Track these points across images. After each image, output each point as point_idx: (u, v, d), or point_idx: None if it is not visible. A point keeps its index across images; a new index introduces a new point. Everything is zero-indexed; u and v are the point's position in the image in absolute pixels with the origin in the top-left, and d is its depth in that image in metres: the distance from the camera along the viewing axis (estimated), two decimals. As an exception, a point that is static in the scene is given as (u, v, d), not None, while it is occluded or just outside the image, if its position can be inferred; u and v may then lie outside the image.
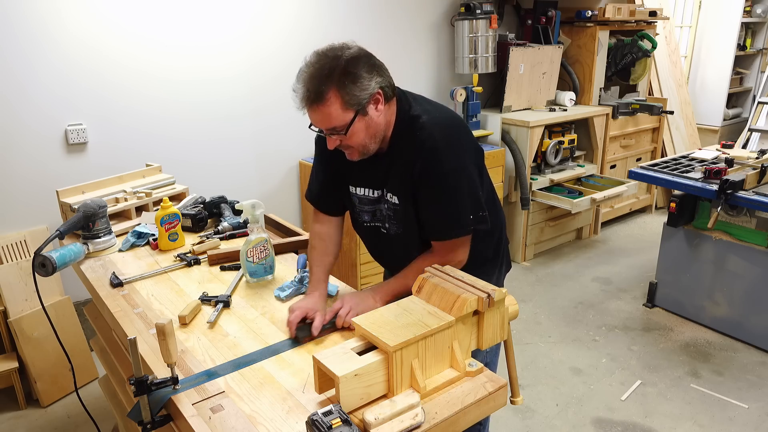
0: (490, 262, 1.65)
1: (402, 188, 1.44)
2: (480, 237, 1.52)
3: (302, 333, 1.33)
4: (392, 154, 1.43)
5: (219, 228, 2.02)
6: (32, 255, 1.68)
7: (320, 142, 1.59)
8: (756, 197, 2.67)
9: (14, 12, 2.44)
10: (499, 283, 1.70)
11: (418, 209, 1.44)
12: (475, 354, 1.22)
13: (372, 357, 1.05)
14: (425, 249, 1.48)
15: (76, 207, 1.92)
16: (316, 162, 1.63)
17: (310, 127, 1.39)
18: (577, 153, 4.20)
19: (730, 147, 3.45)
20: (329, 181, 1.59)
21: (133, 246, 1.95)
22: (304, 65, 1.33)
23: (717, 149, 3.43)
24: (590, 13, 4.03)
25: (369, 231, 1.61)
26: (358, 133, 1.34)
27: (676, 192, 3.07)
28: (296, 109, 1.34)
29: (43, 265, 1.66)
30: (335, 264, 1.61)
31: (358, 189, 1.54)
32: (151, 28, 2.78)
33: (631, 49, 4.29)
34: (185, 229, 2.01)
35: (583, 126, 4.17)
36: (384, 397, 1.07)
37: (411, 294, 1.31)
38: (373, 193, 1.51)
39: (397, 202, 1.46)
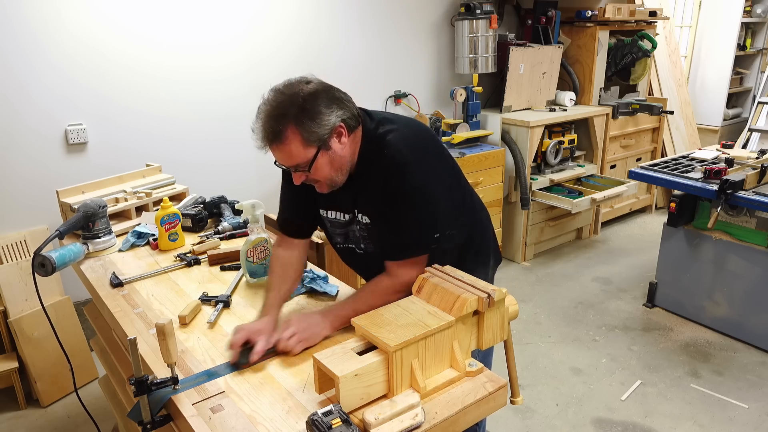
0: (474, 261, 1.59)
1: (372, 208, 1.40)
2: (463, 235, 1.51)
3: (243, 358, 1.25)
4: (361, 177, 1.39)
5: (219, 228, 2.02)
6: (32, 255, 1.68)
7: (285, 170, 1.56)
8: (756, 197, 2.67)
9: (15, 12, 2.44)
10: (488, 277, 1.66)
11: (385, 229, 1.39)
12: (474, 354, 1.22)
13: (372, 357, 1.05)
14: None
15: (76, 207, 1.92)
16: (284, 187, 1.58)
17: (275, 163, 1.36)
18: (577, 153, 4.20)
19: (730, 147, 3.45)
20: (295, 205, 1.55)
21: (133, 246, 1.95)
22: (262, 103, 1.30)
23: (717, 149, 3.43)
24: (590, 13, 4.03)
25: (344, 251, 1.58)
26: (322, 167, 1.31)
27: (676, 192, 3.07)
28: (257, 149, 1.31)
29: (42, 265, 1.66)
30: (293, 291, 1.54)
31: (328, 212, 1.51)
32: (151, 29, 2.78)
33: (631, 49, 4.29)
34: (185, 229, 2.01)
35: (583, 126, 4.17)
36: (384, 397, 1.07)
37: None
38: (344, 217, 1.48)
39: (368, 221, 1.43)
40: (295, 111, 1.25)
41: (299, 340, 1.29)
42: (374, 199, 1.38)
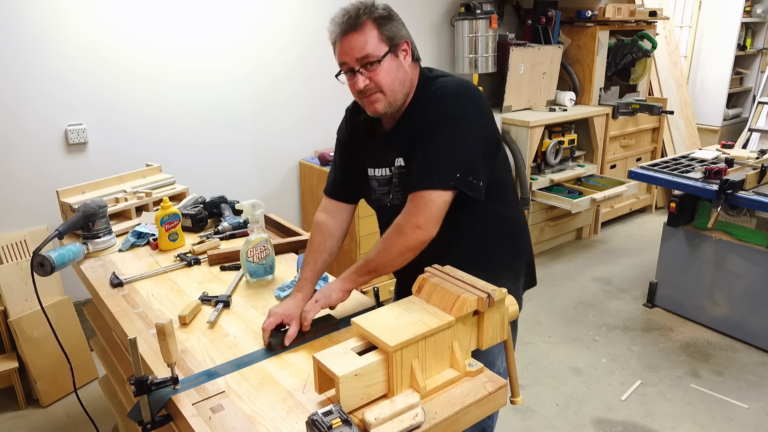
0: (503, 266, 1.52)
1: (409, 147, 1.38)
2: (495, 224, 1.46)
3: (275, 339, 1.28)
4: (406, 120, 1.41)
5: (219, 228, 2.02)
6: (31, 255, 1.68)
7: (342, 132, 1.59)
8: (756, 197, 2.67)
9: (15, 13, 2.44)
10: (518, 295, 1.57)
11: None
12: (479, 357, 1.20)
13: (372, 357, 1.05)
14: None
15: (76, 207, 1.92)
16: (336, 155, 1.61)
17: (337, 75, 1.40)
18: (577, 153, 4.19)
19: (730, 147, 3.45)
20: (348, 168, 1.56)
21: (133, 246, 1.95)
22: (340, 9, 1.35)
23: (717, 149, 3.43)
24: (590, 13, 4.03)
25: (387, 211, 1.51)
26: (389, 71, 1.35)
27: (676, 192, 3.07)
28: (330, 41, 1.37)
29: (41, 265, 1.66)
30: (331, 263, 1.54)
31: (376, 170, 1.50)
32: (151, 31, 2.78)
33: (631, 49, 4.29)
34: (185, 229, 2.01)
35: (583, 126, 4.17)
36: (384, 397, 1.07)
37: (381, 268, 1.32)
38: (389, 170, 1.47)
39: (402, 164, 1.42)
40: (377, 10, 1.35)
41: (321, 307, 1.32)
42: (411, 135, 1.37)
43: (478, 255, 1.45)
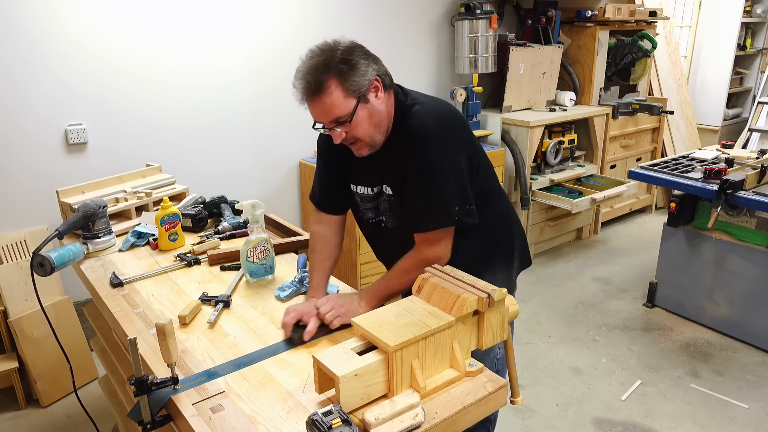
0: (498, 258, 1.61)
1: (396, 179, 1.43)
2: (489, 225, 1.51)
3: (296, 334, 1.33)
4: (389, 147, 1.43)
5: (219, 228, 2.02)
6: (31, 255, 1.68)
7: (322, 142, 1.59)
8: (756, 197, 2.67)
9: (15, 13, 2.44)
10: (511, 278, 1.68)
11: (404, 199, 1.43)
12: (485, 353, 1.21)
13: (372, 357, 1.05)
14: None
15: (76, 207, 1.92)
16: (319, 163, 1.63)
17: (314, 126, 1.39)
18: (577, 153, 4.20)
19: (730, 147, 3.45)
20: (331, 180, 1.59)
21: (133, 246, 1.95)
22: (301, 63, 1.34)
23: (717, 149, 3.43)
24: (590, 13, 4.03)
25: (372, 227, 1.61)
26: (362, 122, 1.35)
27: (676, 192, 3.07)
28: (298, 104, 1.35)
29: (41, 265, 1.66)
30: (335, 266, 1.60)
31: (358, 187, 1.54)
32: (151, 32, 2.78)
33: (631, 49, 4.29)
34: (185, 229, 2.01)
35: (583, 126, 4.17)
36: (384, 397, 1.07)
37: (397, 295, 1.33)
38: (372, 190, 1.51)
39: (391, 193, 1.46)
40: (336, 62, 1.30)
41: (336, 315, 1.35)
42: (398, 169, 1.41)
43: (475, 256, 1.51)
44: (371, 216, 1.58)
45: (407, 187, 1.41)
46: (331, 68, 1.29)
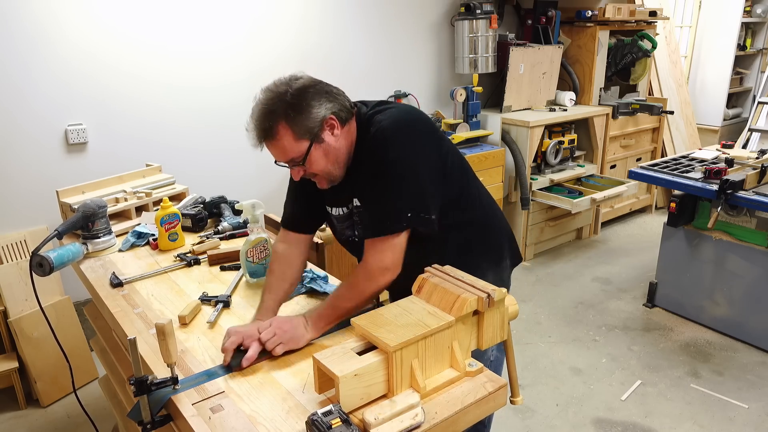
0: (484, 259, 1.55)
1: (362, 188, 1.40)
2: (465, 233, 1.48)
3: (235, 360, 1.24)
4: (355, 165, 1.40)
5: (219, 228, 2.02)
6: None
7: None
8: (756, 197, 2.67)
9: (15, 13, 2.44)
10: (503, 278, 1.61)
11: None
12: (479, 355, 1.21)
13: (372, 357, 1.05)
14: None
15: (76, 207, 1.92)
16: (289, 183, 1.59)
17: (275, 163, 1.37)
18: (577, 153, 4.19)
19: (730, 147, 3.45)
20: (302, 199, 1.55)
21: (133, 246, 1.95)
22: (254, 103, 1.33)
23: (717, 149, 3.43)
24: (590, 13, 4.03)
25: (352, 245, 1.56)
26: (317, 161, 1.33)
27: (676, 192, 3.06)
28: (253, 147, 1.34)
29: (40, 265, 1.66)
30: (292, 292, 1.53)
31: (333, 209, 1.51)
32: (151, 33, 2.78)
33: (631, 49, 4.29)
34: (185, 229, 2.01)
35: (583, 126, 4.17)
36: (384, 397, 1.07)
37: (351, 314, 1.27)
38: (346, 209, 1.48)
39: (358, 204, 1.43)
40: (283, 107, 1.28)
41: (278, 342, 1.27)
42: (362, 178, 1.38)
43: (458, 259, 1.42)
44: (350, 234, 1.53)
45: (366, 195, 1.37)
46: (279, 114, 1.27)
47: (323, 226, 1.64)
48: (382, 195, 1.33)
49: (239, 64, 3.08)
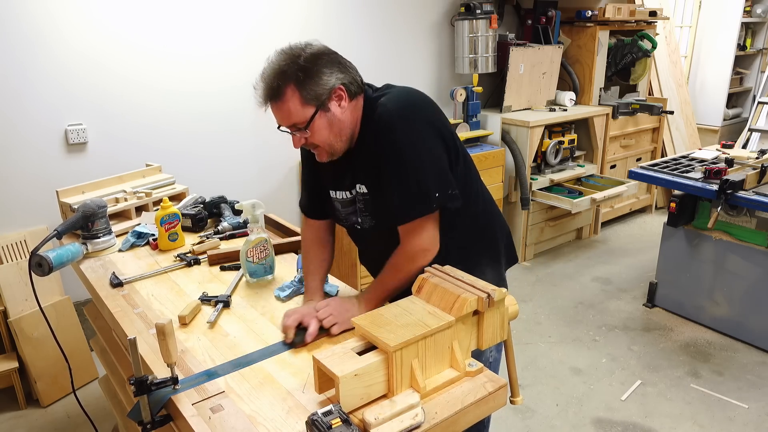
0: (484, 255, 1.56)
1: (369, 176, 1.39)
2: (467, 225, 1.48)
3: (299, 338, 1.32)
4: (359, 147, 1.40)
5: (219, 228, 2.02)
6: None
7: (302, 150, 1.57)
8: (756, 197, 2.67)
9: (16, 11, 2.44)
10: (501, 276, 1.62)
11: (382, 195, 1.38)
12: (478, 354, 1.21)
13: (372, 357, 1.05)
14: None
15: (76, 207, 1.92)
16: (303, 169, 1.61)
17: (278, 128, 1.38)
18: (577, 153, 4.20)
19: (730, 147, 3.45)
20: (315, 186, 1.57)
21: (133, 246, 1.95)
22: (266, 63, 1.33)
23: (717, 149, 3.43)
24: (590, 13, 4.03)
25: (355, 232, 1.56)
26: (320, 130, 1.33)
27: (676, 192, 3.07)
28: (258, 106, 1.34)
29: (39, 265, 1.66)
30: (330, 267, 1.59)
31: (337, 192, 1.51)
32: (151, 37, 2.78)
33: (631, 49, 4.29)
34: (185, 229, 2.01)
35: (583, 126, 4.17)
36: (384, 397, 1.07)
37: (394, 295, 1.32)
38: (349, 193, 1.48)
39: (365, 191, 1.42)
40: (295, 69, 1.28)
41: (334, 322, 1.33)
42: (369, 164, 1.38)
43: (458, 253, 1.45)
44: (354, 220, 1.53)
45: (382, 182, 1.36)
46: (289, 76, 1.27)
47: None
48: (402, 179, 1.32)
49: (240, 68, 3.07)
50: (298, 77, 1.27)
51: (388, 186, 1.35)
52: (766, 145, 3.87)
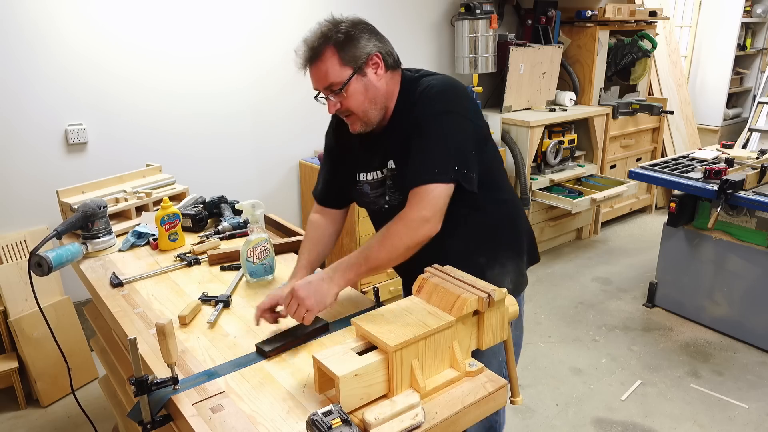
0: (506, 247, 1.54)
1: (400, 150, 1.40)
2: (493, 208, 1.49)
3: (268, 347, 1.26)
4: (393, 125, 1.43)
5: (219, 228, 2.02)
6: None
7: (329, 138, 1.61)
8: (756, 197, 2.67)
9: (17, 14, 2.44)
10: (522, 271, 1.61)
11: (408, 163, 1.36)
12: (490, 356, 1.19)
13: (372, 357, 1.05)
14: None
15: (76, 207, 1.92)
16: (324, 159, 1.64)
17: (315, 97, 1.41)
18: (577, 153, 4.19)
19: (730, 147, 3.45)
20: (335, 175, 1.60)
21: (133, 246, 1.95)
22: (308, 32, 1.39)
23: (717, 149, 3.43)
24: (590, 13, 4.03)
25: (383, 215, 1.51)
26: (356, 94, 1.36)
27: (676, 192, 3.07)
28: (298, 69, 1.39)
29: (39, 265, 1.66)
30: (327, 256, 1.59)
31: (368, 174, 1.50)
32: (151, 39, 2.78)
33: (631, 49, 4.29)
34: (185, 229, 2.01)
35: (583, 126, 4.17)
36: (384, 397, 1.07)
37: (378, 270, 1.31)
38: (381, 173, 1.48)
39: (394, 166, 1.43)
40: (335, 32, 1.35)
41: (303, 312, 1.26)
42: (402, 137, 1.39)
43: (481, 242, 1.48)
44: (383, 202, 1.51)
45: (411, 149, 1.35)
46: (330, 38, 1.34)
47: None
48: (427, 144, 1.33)
49: (241, 69, 3.07)
50: (338, 39, 1.34)
51: (416, 152, 1.35)
52: (766, 145, 3.87)
